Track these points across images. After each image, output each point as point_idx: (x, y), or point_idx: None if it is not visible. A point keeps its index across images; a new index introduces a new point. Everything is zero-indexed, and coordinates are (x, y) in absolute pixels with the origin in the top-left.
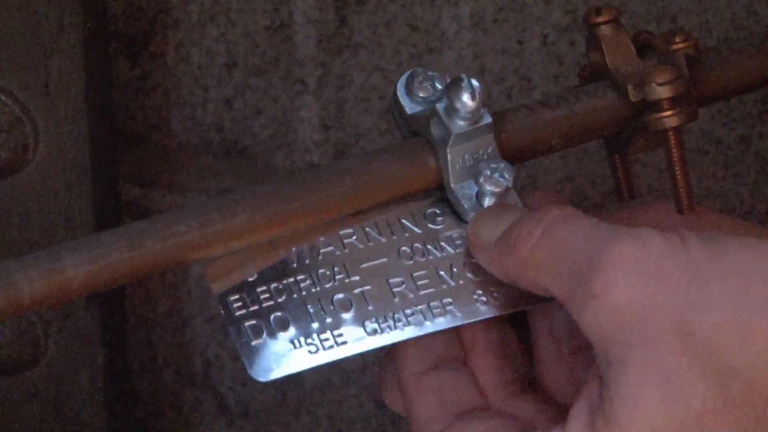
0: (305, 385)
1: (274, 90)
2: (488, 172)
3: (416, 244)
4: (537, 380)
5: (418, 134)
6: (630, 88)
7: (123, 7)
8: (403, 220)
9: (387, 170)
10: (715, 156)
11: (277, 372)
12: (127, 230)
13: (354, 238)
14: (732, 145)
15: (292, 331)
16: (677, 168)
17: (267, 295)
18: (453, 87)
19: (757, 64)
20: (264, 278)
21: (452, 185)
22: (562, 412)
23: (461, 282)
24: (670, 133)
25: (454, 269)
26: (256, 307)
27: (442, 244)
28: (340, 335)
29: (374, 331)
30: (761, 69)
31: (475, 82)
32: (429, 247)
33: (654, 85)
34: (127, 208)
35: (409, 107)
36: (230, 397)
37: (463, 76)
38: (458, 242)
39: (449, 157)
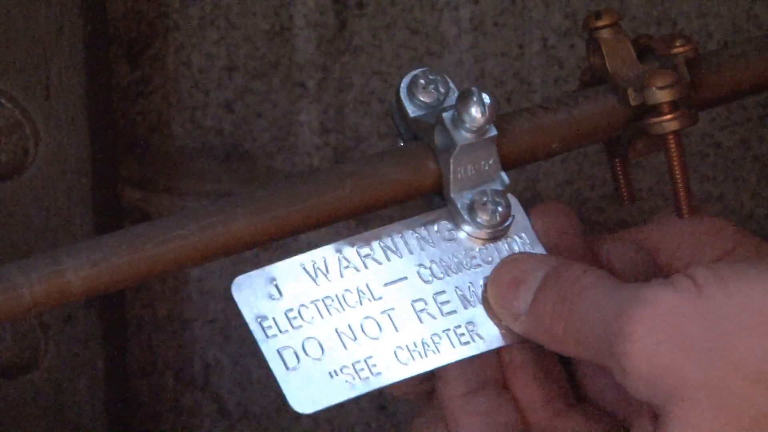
0: None
1: (274, 93)
2: (489, 206)
3: (434, 262)
4: (579, 388)
5: (418, 138)
6: (630, 91)
7: (123, 10)
8: (418, 235)
9: (387, 174)
10: (715, 160)
11: (319, 404)
12: (127, 234)
13: (373, 255)
14: (732, 149)
15: (327, 358)
16: (677, 172)
17: (296, 318)
18: (463, 99)
19: (758, 68)
20: (290, 298)
21: (452, 195)
22: (608, 427)
23: (481, 303)
24: (670, 136)
25: (473, 289)
26: (287, 331)
27: (459, 261)
28: (374, 365)
29: (406, 360)
30: (761, 73)
31: (485, 97)
32: (447, 265)
33: (654, 88)
34: (127, 212)
35: (411, 110)
36: (230, 400)
37: (474, 89)
38: (475, 260)
39: (451, 167)
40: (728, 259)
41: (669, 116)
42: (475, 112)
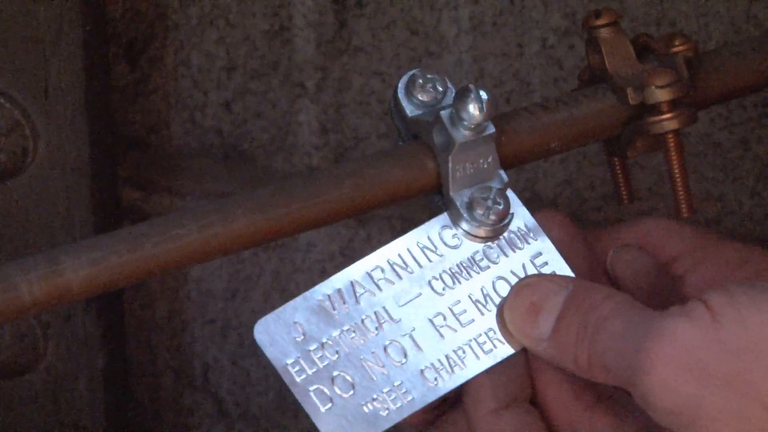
0: None
1: (273, 93)
2: (489, 204)
3: (444, 272)
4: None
5: (417, 137)
6: (629, 91)
7: (122, 10)
8: (423, 246)
9: (387, 173)
10: (714, 159)
11: None
12: (127, 233)
13: (384, 276)
14: (731, 149)
15: (357, 392)
16: (677, 171)
17: (320, 354)
18: (461, 97)
19: (757, 67)
20: (312, 335)
21: (451, 193)
22: (636, 424)
23: (497, 306)
24: (670, 136)
25: (486, 292)
26: (314, 369)
27: (467, 267)
28: (405, 390)
29: (435, 379)
30: (760, 72)
31: (483, 94)
32: (456, 272)
33: (653, 88)
34: (126, 212)
35: (410, 110)
36: (229, 400)
37: (472, 86)
38: (480, 260)
39: (450, 165)
40: (744, 283)
41: (668, 115)
42: (473, 109)
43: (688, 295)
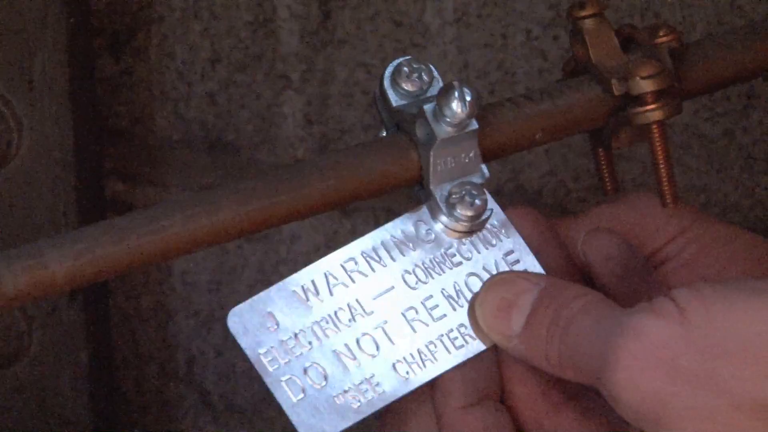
0: None
1: (257, 85)
2: (467, 199)
3: (417, 266)
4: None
5: (401, 128)
6: (614, 81)
7: (106, 2)
8: (398, 240)
9: (370, 165)
10: (698, 150)
11: (329, 430)
12: (111, 225)
13: (358, 268)
14: (716, 140)
15: (330, 383)
16: (661, 162)
17: (294, 345)
18: (444, 93)
19: (741, 58)
20: (286, 325)
21: (432, 187)
22: (603, 423)
23: (469, 301)
24: (654, 127)
25: (458, 288)
26: (287, 359)
27: (440, 262)
28: (377, 383)
29: (406, 373)
30: (745, 62)
31: (467, 92)
32: (430, 267)
33: (638, 78)
34: (110, 203)
35: (394, 99)
36: (214, 392)
37: (456, 83)
38: (453, 255)
39: (432, 160)
40: (711, 281)
41: (653, 106)
42: (456, 107)
43: (668, 276)
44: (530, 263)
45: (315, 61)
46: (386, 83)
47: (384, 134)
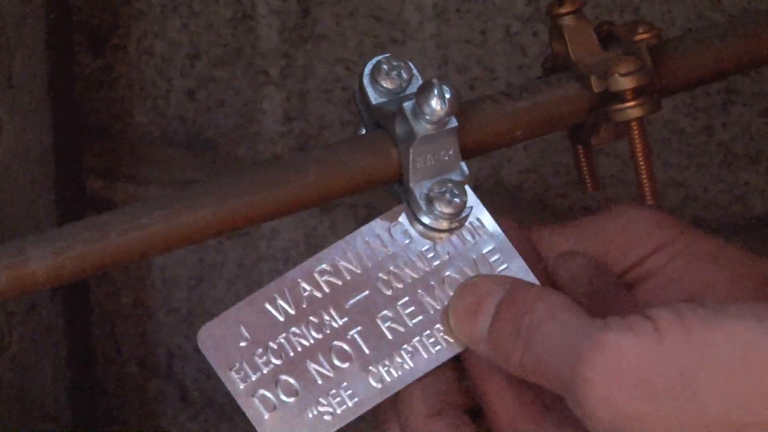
0: None
1: (237, 81)
2: (447, 197)
3: (392, 270)
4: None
5: (380, 126)
6: (593, 78)
7: None
8: (373, 243)
9: (351, 162)
10: (678, 146)
11: None
12: (91, 223)
13: (330, 276)
14: (695, 135)
15: (302, 396)
16: (641, 158)
17: (264, 359)
18: (423, 91)
19: (720, 54)
20: (257, 339)
21: (411, 184)
22: None
23: (445, 302)
24: (634, 123)
25: (435, 289)
26: (258, 375)
27: (417, 262)
28: (350, 392)
29: (380, 380)
30: (724, 59)
31: (446, 89)
32: (404, 269)
33: (617, 75)
34: (90, 201)
35: (374, 97)
36: (194, 388)
37: (435, 81)
38: (430, 255)
39: (411, 157)
40: (689, 302)
41: (632, 103)
42: (436, 104)
43: (653, 292)
44: (511, 258)
45: (294, 57)
46: (365, 81)
47: (363, 131)
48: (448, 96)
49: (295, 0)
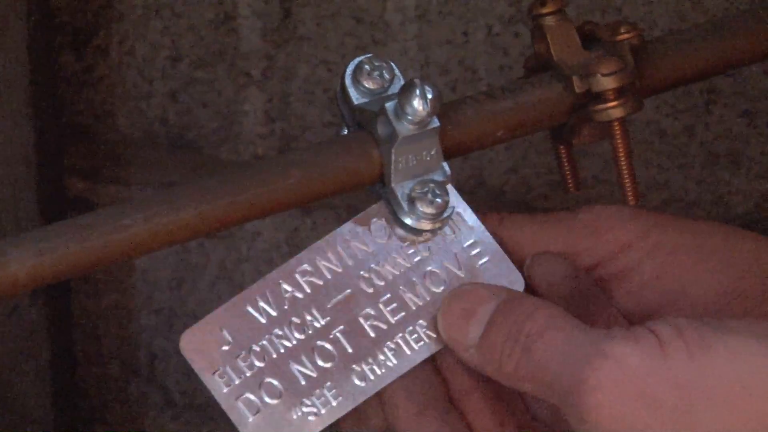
0: None
1: (219, 83)
2: (429, 197)
3: (373, 268)
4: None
5: (362, 126)
6: (575, 79)
7: (67, 0)
8: (352, 241)
9: (332, 163)
10: (660, 146)
11: None
12: (73, 224)
13: (313, 275)
14: (677, 136)
15: (286, 397)
16: (623, 159)
17: (248, 362)
18: (405, 91)
19: (702, 55)
20: (239, 342)
21: (393, 184)
22: None
23: (428, 298)
24: (616, 123)
25: (417, 285)
26: (242, 378)
27: (396, 258)
28: (334, 391)
29: (364, 379)
30: (706, 59)
31: (428, 90)
32: (385, 266)
33: (599, 76)
34: (72, 202)
35: (356, 97)
36: (176, 389)
37: (417, 80)
38: (410, 252)
39: (393, 158)
40: (690, 318)
41: (614, 103)
42: (418, 104)
43: (635, 293)
44: (492, 251)
45: (276, 59)
46: (347, 81)
47: (345, 132)
48: (430, 96)
49: (277, 1)
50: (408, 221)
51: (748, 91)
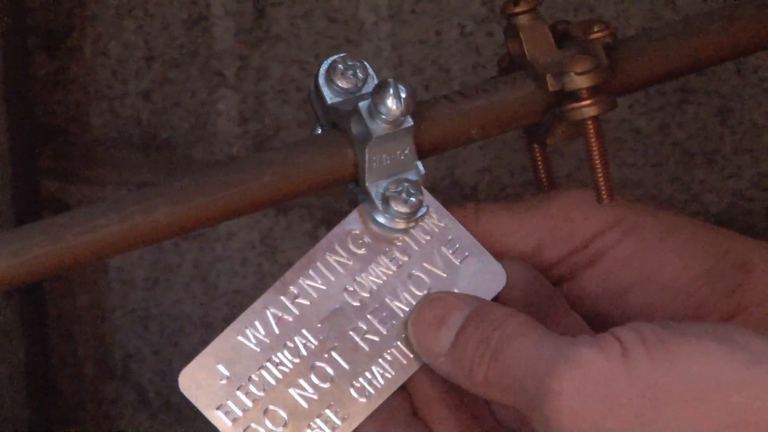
0: None
1: (192, 83)
2: (403, 196)
3: (356, 280)
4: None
5: (336, 125)
6: (549, 77)
7: (40, 1)
8: (333, 257)
9: (307, 162)
10: (634, 145)
11: None
12: (47, 224)
13: (298, 297)
14: (651, 134)
15: (290, 423)
16: (596, 157)
17: (247, 393)
18: (379, 90)
19: (676, 53)
20: (237, 374)
21: (367, 184)
22: None
23: (414, 303)
24: (589, 122)
25: (402, 292)
26: (245, 410)
27: (378, 268)
28: (338, 410)
29: (365, 393)
30: (679, 58)
31: (402, 89)
32: (368, 277)
33: (573, 74)
34: (46, 202)
35: (329, 96)
36: (151, 390)
37: (391, 80)
38: (391, 259)
39: (367, 157)
40: (652, 324)
41: (587, 102)
42: (391, 104)
43: (607, 276)
44: (469, 244)
45: (250, 59)
46: (321, 80)
47: (319, 131)
48: (403, 95)
49: (250, 1)
50: (382, 220)
51: (721, 89)
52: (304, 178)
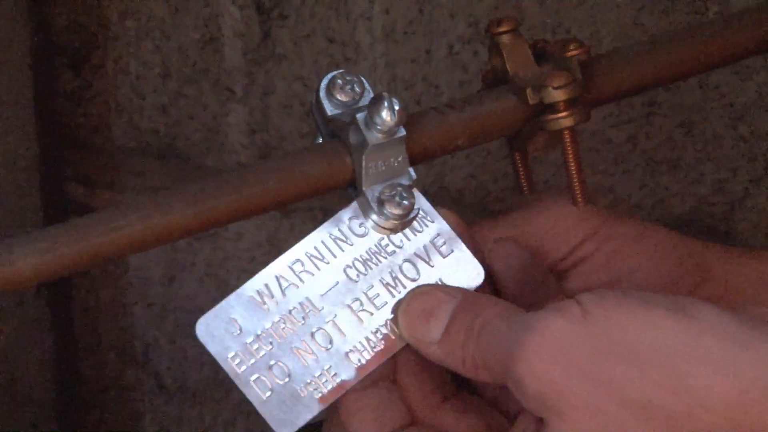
0: None
1: (204, 97)
2: (396, 199)
3: (356, 260)
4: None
5: (335, 135)
6: (529, 91)
7: (66, 22)
8: (336, 237)
9: (308, 169)
10: (606, 154)
11: (298, 422)
12: (73, 225)
13: (304, 268)
14: (621, 144)
15: (293, 378)
16: (572, 165)
17: (257, 346)
18: (375, 103)
19: (643, 70)
20: (247, 328)
21: (363, 188)
22: (482, 417)
23: (405, 287)
24: (566, 132)
25: (394, 275)
26: (253, 360)
27: (375, 253)
28: (334, 373)
29: (359, 360)
30: (647, 74)
31: (395, 102)
32: (366, 260)
33: (551, 88)
34: (72, 206)
35: (329, 108)
36: (168, 375)
37: (386, 94)
38: (388, 248)
39: (364, 164)
40: (614, 289)
41: (564, 113)
42: (386, 115)
43: (584, 276)
44: (454, 243)
45: (256, 76)
46: (322, 94)
47: (320, 141)
48: (397, 108)
49: (257, 24)
50: (377, 221)
51: (684, 102)
52: (306, 183)
